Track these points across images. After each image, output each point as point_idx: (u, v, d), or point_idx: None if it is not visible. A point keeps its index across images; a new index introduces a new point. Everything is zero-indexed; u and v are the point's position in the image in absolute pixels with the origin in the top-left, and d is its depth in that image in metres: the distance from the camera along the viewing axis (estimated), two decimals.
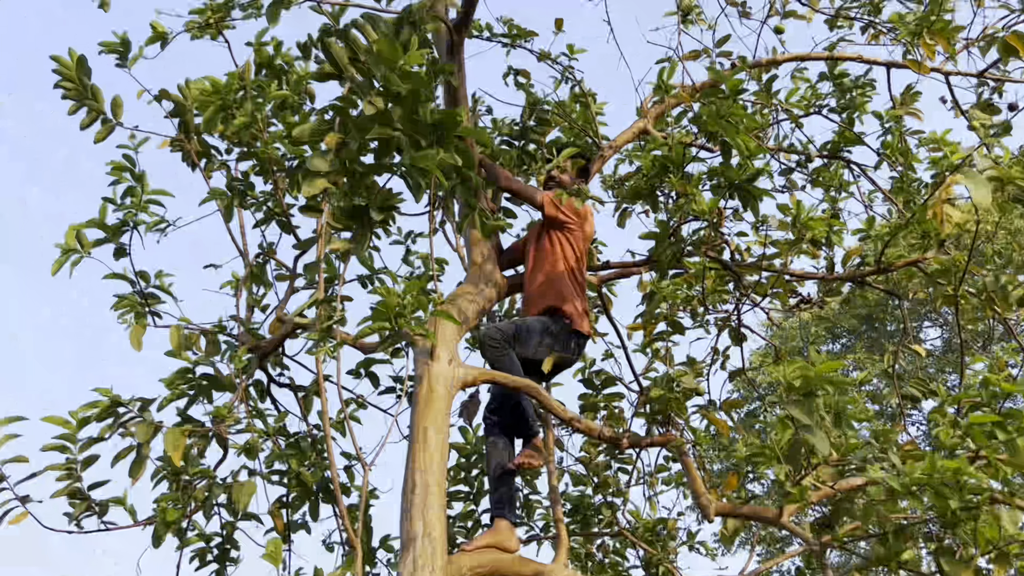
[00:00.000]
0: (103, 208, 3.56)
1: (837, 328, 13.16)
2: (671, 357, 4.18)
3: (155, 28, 3.77)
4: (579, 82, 4.99)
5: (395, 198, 3.45)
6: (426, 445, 3.19)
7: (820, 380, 2.61)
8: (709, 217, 3.39)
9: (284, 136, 3.97)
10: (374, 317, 3.30)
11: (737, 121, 3.26)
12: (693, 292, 3.91)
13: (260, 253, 4.09)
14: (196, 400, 3.70)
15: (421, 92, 3.21)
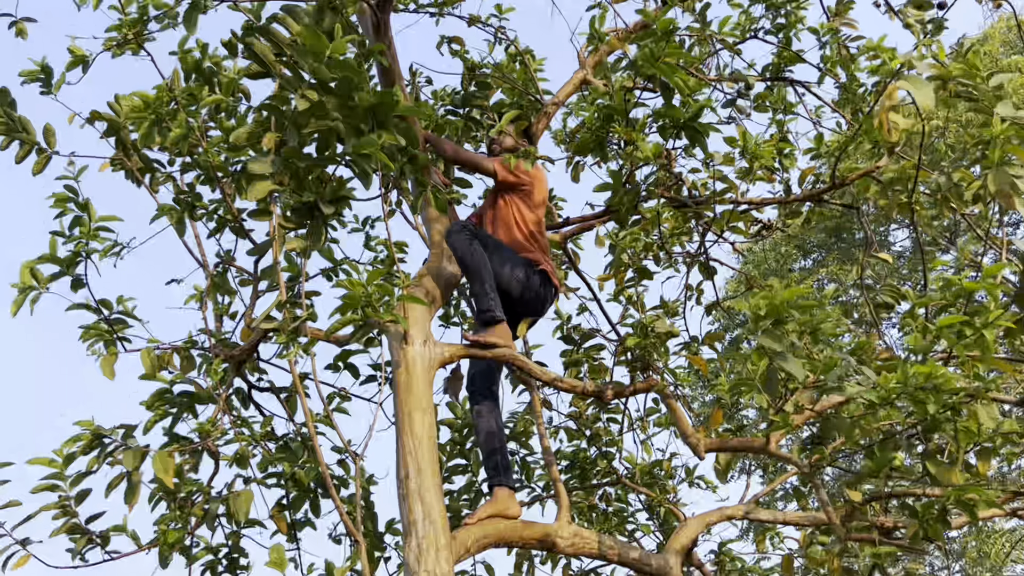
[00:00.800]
0: (52, 242, 3.50)
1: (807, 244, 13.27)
2: (643, 303, 4.21)
3: (74, 52, 3.68)
4: (513, 41, 4.94)
5: (344, 189, 3.42)
6: (412, 429, 3.21)
7: (786, 306, 2.64)
8: (658, 161, 3.39)
9: (223, 141, 3.91)
10: (342, 310, 3.29)
11: (673, 60, 3.24)
12: (652, 238, 3.92)
13: (219, 262, 4.05)
14: (180, 418, 3.69)
15: (353, 78, 3.17)
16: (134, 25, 3.42)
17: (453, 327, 5.09)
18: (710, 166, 3.73)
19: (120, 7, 3.53)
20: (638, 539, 4.83)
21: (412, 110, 3.58)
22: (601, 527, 4.73)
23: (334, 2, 3.44)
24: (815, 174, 4.52)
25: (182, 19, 3.21)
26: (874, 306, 4.32)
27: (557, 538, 3.41)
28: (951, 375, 2.74)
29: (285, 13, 3.35)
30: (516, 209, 3.85)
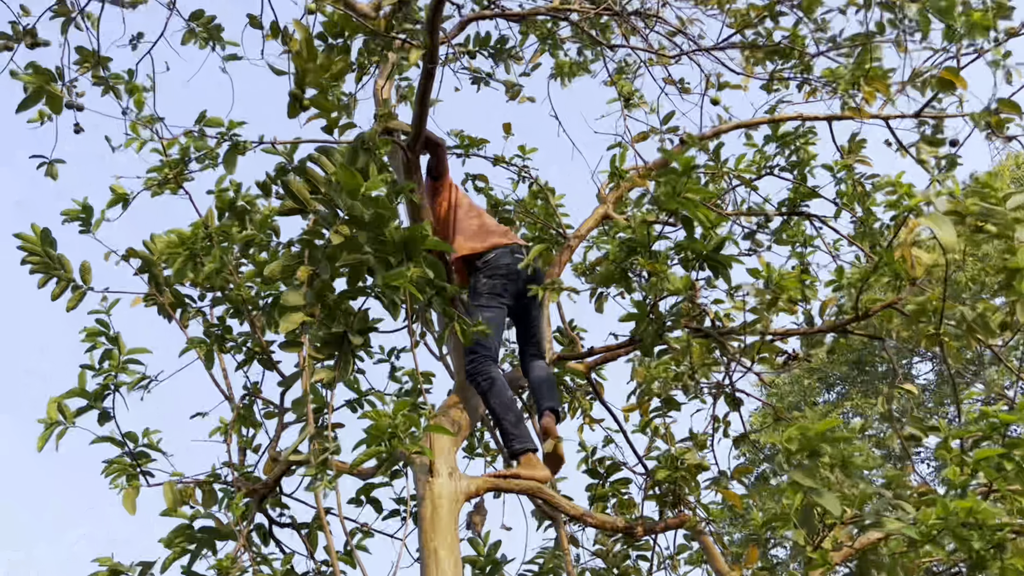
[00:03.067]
0: (82, 376, 3.54)
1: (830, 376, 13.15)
2: (671, 434, 4.16)
3: (115, 191, 3.84)
4: (535, 179, 5.11)
5: (372, 320, 3.47)
6: (438, 566, 3.13)
7: (818, 439, 2.61)
8: (683, 292, 3.43)
9: (255, 275, 4.01)
10: (368, 442, 3.27)
11: (694, 195, 3.34)
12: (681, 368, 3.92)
13: (246, 394, 4.06)
14: (199, 555, 3.62)
15: (384, 214, 3.28)
16: (175, 166, 3.58)
17: (477, 458, 5.02)
18: (735, 297, 3.77)
19: (162, 150, 3.71)
20: None
21: (440, 244, 3.68)
22: None
23: (367, 143, 3.59)
24: (837, 305, 4.55)
25: (222, 160, 3.36)
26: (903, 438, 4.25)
27: None
28: (993, 510, 2.66)
29: (320, 153, 3.50)
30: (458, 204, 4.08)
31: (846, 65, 4.83)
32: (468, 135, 5.12)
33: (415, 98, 4.05)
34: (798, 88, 5.35)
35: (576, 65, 5.46)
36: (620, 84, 5.22)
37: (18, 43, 3.84)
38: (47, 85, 3.42)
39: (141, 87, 3.82)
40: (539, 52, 5.43)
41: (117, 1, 4.32)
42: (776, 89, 5.28)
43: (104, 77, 4.15)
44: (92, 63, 4.03)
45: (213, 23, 4.74)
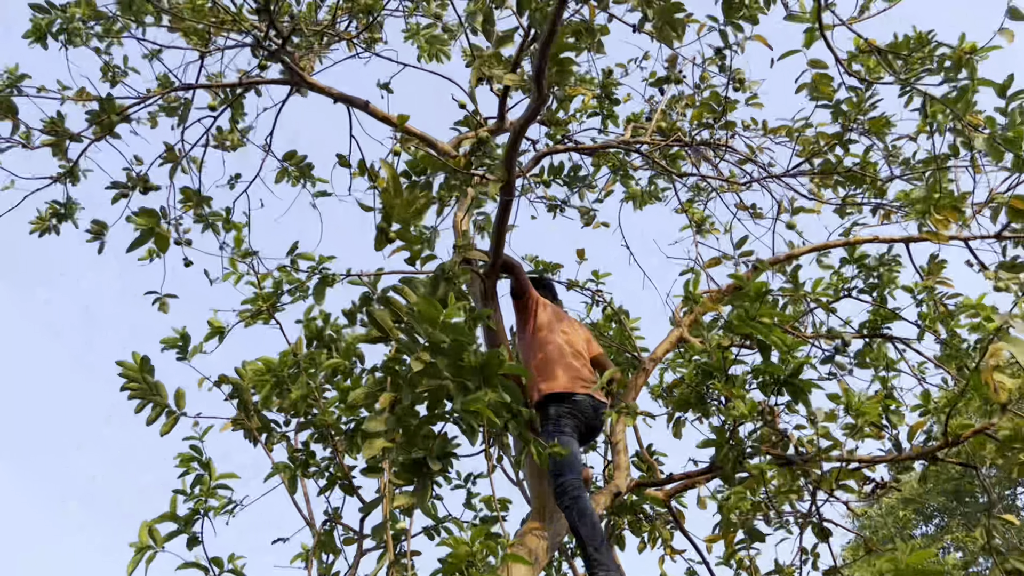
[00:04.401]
0: (173, 500, 3.66)
1: (926, 507, 12.46)
2: (756, 568, 4.01)
3: (212, 324, 4.07)
4: (608, 303, 5.19)
5: (451, 444, 3.52)
6: None
7: (911, 573, 2.50)
8: (759, 417, 3.40)
9: (339, 401, 4.13)
10: (445, 571, 3.26)
11: (768, 319, 3.36)
12: (759, 497, 3.83)
13: (327, 520, 4.11)
14: None
15: (463, 341, 3.38)
16: (269, 298, 3.79)
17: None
18: (815, 423, 3.70)
19: (256, 282, 3.94)
20: None
21: (516, 369, 3.75)
22: None
23: (447, 273, 3.75)
24: (925, 430, 4.41)
25: (312, 292, 3.55)
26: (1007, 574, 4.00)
27: None
28: None
29: (403, 284, 3.67)
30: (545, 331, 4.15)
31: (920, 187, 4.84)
32: (543, 260, 5.27)
33: (492, 228, 4.24)
34: (872, 212, 5.38)
35: (647, 193, 5.62)
36: (691, 211, 5.34)
37: (133, 190, 4.19)
38: (156, 227, 3.71)
39: (240, 224, 4.10)
40: (611, 181, 5.62)
41: (220, 145, 4.69)
42: (849, 213, 5.32)
43: (205, 215, 4.47)
44: (195, 202, 4.36)
45: (304, 162, 5.09)
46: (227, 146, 4.87)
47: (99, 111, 4.25)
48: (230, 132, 4.79)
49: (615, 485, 4.27)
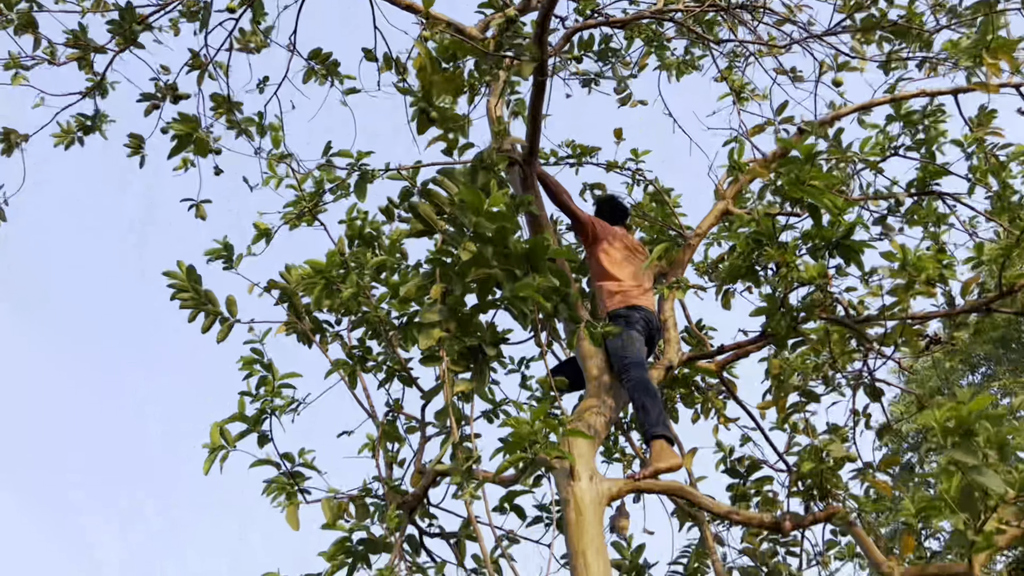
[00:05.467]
0: (241, 402, 3.78)
1: (973, 357, 12.45)
2: (812, 428, 4.07)
3: (258, 227, 4.09)
4: (651, 181, 5.12)
5: (503, 331, 3.58)
6: (588, 569, 3.17)
7: (974, 418, 2.52)
8: (815, 281, 3.38)
9: (389, 297, 4.19)
10: (509, 449, 3.35)
11: (819, 182, 3.29)
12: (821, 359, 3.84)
13: (388, 411, 4.23)
14: (356, 567, 3.79)
15: (508, 228, 3.38)
16: (311, 199, 3.79)
17: (615, 462, 5.05)
18: (869, 283, 3.68)
19: (297, 184, 3.94)
20: None
21: (562, 253, 3.76)
22: None
23: (486, 162, 3.71)
24: (979, 283, 4.35)
25: (353, 189, 3.54)
26: None
27: None
28: None
29: (443, 176, 3.64)
30: (610, 258, 4.26)
31: (967, 35, 4.63)
32: (580, 144, 5.19)
33: (527, 112, 4.16)
34: (918, 67, 5.17)
35: (684, 63, 5.45)
36: (731, 79, 5.18)
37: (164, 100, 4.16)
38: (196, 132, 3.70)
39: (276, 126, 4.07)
40: (646, 55, 5.45)
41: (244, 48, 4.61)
42: (894, 68, 5.12)
43: (237, 121, 4.44)
44: (225, 108, 4.32)
45: (330, 60, 4.99)
46: (251, 48, 4.78)
47: (120, 21, 4.19)
48: (252, 34, 4.70)
49: (667, 360, 4.32)
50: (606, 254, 4.37)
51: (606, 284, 4.30)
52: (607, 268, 4.32)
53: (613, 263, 4.33)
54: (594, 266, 4.43)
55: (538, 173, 4.42)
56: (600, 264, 4.36)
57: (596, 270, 4.41)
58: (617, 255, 4.36)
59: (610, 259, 4.34)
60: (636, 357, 3.92)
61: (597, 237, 4.42)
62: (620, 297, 4.22)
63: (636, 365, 3.88)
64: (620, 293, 4.24)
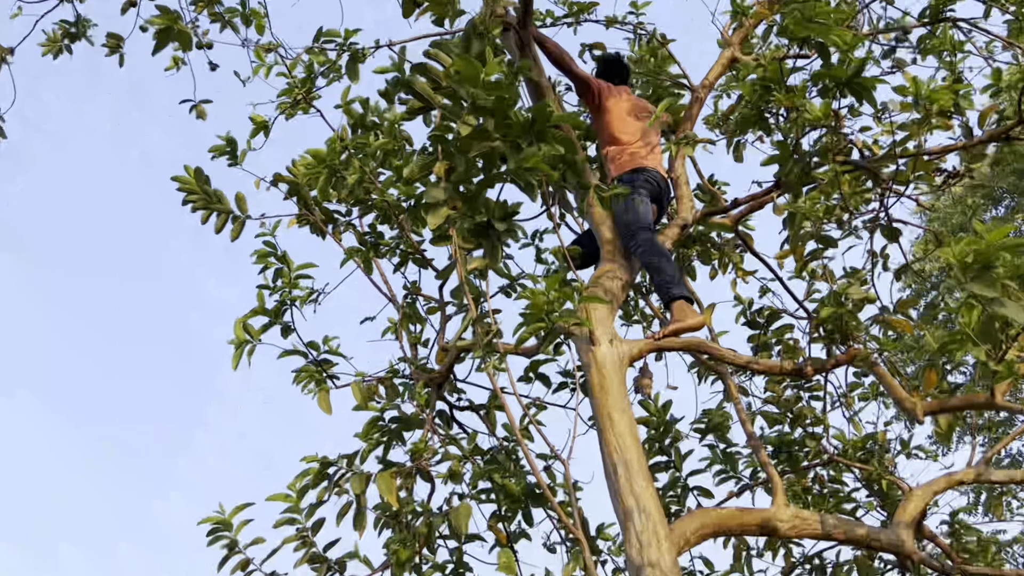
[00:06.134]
0: (260, 295, 3.82)
1: (996, 191, 12.24)
2: (830, 273, 4.06)
3: (255, 120, 4.02)
4: (652, 34, 4.93)
5: (513, 204, 3.54)
6: (614, 427, 3.24)
7: (994, 249, 2.48)
8: (826, 122, 3.28)
9: (395, 181, 4.14)
10: (527, 320, 3.38)
11: (825, 19, 3.15)
12: (833, 201, 3.78)
13: (407, 294, 4.26)
14: (391, 444, 3.91)
15: (507, 98, 3.28)
16: (304, 83, 3.69)
17: (635, 325, 5.10)
18: (882, 119, 3.57)
19: (287, 72, 3.83)
20: (859, 518, 4.62)
21: (566, 118, 3.66)
22: (819, 509, 4.56)
23: (479, 28, 3.57)
24: (997, 112, 4.22)
25: (345, 71, 3.43)
26: None
27: (777, 522, 3.33)
28: None
29: (436, 48, 3.52)
30: (617, 120, 4.16)
31: None
32: (576, 1, 4.97)
33: None
34: None
35: None
36: None
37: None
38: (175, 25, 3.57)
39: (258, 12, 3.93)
40: None
41: None
42: None
43: (220, 12, 4.28)
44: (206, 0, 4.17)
45: None
46: None
47: None
48: None
49: (680, 218, 4.27)
50: (612, 115, 4.25)
51: (612, 148, 4.21)
52: (613, 131, 4.22)
53: (619, 124, 4.22)
54: (600, 129, 4.33)
55: (535, 36, 4.26)
56: (606, 127, 4.26)
57: (602, 133, 4.30)
58: (623, 115, 4.24)
59: (616, 120, 4.23)
60: (643, 221, 3.87)
61: (602, 98, 4.30)
62: (626, 160, 4.13)
63: (643, 229, 3.84)
64: (626, 156, 4.14)
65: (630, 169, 4.11)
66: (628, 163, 4.12)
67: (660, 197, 4.12)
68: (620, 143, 4.18)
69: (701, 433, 4.69)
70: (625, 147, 4.16)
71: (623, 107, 4.25)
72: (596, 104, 4.30)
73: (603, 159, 4.31)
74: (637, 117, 4.26)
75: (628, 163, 4.12)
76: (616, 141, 4.19)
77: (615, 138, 4.20)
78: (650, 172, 4.12)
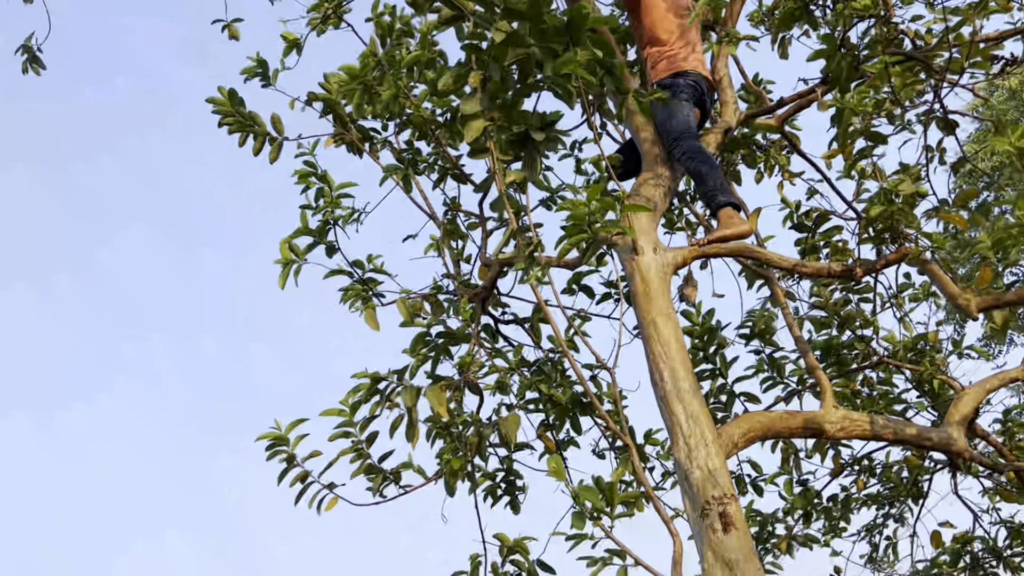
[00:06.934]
0: (303, 215, 3.83)
1: None
2: (880, 172, 3.93)
3: (286, 38, 3.96)
4: None
5: (551, 114, 3.47)
6: (659, 335, 3.23)
7: None
8: (875, 11, 3.12)
9: (429, 94, 4.08)
10: (569, 231, 3.35)
11: None
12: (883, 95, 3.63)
13: (447, 210, 4.25)
14: (439, 359, 3.96)
15: (541, 1, 3.19)
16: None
17: (678, 232, 5.04)
18: (934, 5, 3.39)
19: None
20: (910, 419, 4.60)
21: (601, 21, 3.55)
22: (868, 411, 4.55)
23: None
24: None
25: None
26: None
27: (825, 423, 3.33)
28: None
29: None
30: (656, 18, 4.01)
31: None
32: None
33: None
34: None
35: None
36: None
37: None
38: None
39: None
40: None
41: None
42: None
43: None
44: None
45: None
46: None
47: None
48: None
49: (724, 122, 4.16)
50: (650, 15, 4.08)
51: (651, 50, 4.07)
52: (652, 30, 4.06)
53: (659, 23, 4.05)
54: (638, 30, 4.18)
55: None
56: (645, 26, 4.10)
57: (640, 34, 4.16)
58: (663, 13, 4.07)
59: (655, 19, 4.06)
60: (685, 126, 3.75)
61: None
62: (666, 63, 3.99)
63: (686, 134, 3.73)
64: (666, 58, 4.00)
65: (671, 73, 3.98)
66: (669, 66, 3.99)
67: (703, 100, 3.98)
68: (660, 43, 4.03)
69: (746, 338, 4.67)
70: (665, 48, 4.02)
71: (661, 4, 4.08)
72: (633, 3, 4.15)
73: (642, 62, 4.18)
74: (677, 14, 4.09)
75: (669, 66, 3.99)
76: (656, 41, 4.04)
77: (655, 38, 4.04)
78: (691, 75, 3.98)
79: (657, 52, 4.05)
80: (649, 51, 4.10)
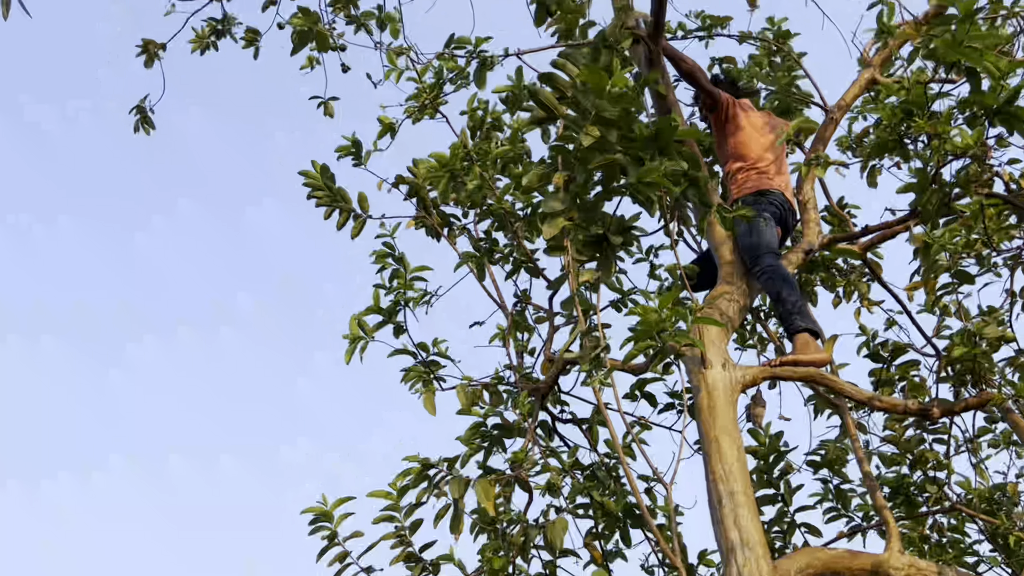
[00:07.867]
0: (376, 294, 3.90)
1: None
2: (964, 310, 3.81)
3: (383, 121, 4.11)
4: (788, 52, 4.78)
5: (631, 218, 3.48)
6: (721, 454, 3.14)
7: None
8: (974, 152, 3.08)
9: (513, 188, 4.15)
10: (637, 337, 3.31)
11: (978, 43, 2.96)
12: (975, 235, 3.55)
13: (517, 302, 4.27)
14: (492, 451, 3.91)
15: (632, 111, 3.24)
16: (431, 90, 3.75)
17: (750, 350, 4.94)
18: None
19: (417, 76, 3.90)
20: (982, 574, 4.32)
21: (690, 134, 3.58)
22: (937, 559, 4.29)
23: (608, 40, 3.54)
24: None
25: (473, 78, 3.47)
26: None
27: (890, 569, 3.15)
28: None
29: (564, 58, 3.51)
30: (746, 135, 4.02)
31: None
32: (709, 15, 4.87)
33: None
34: None
35: None
36: None
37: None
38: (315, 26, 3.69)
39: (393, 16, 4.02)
40: None
41: None
42: None
43: (356, 16, 4.41)
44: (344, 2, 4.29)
45: None
46: None
47: None
48: None
49: (806, 242, 4.11)
50: (742, 130, 4.10)
51: (737, 164, 4.08)
52: (741, 148, 4.08)
53: (748, 140, 4.07)
54: (725, 145, 4.20)
55: (668, 51, 4.18)
56: (732, 143, 4.13)
57: (726, 150, 4.18)
58: (753, 131, 4.09)
59: (746, 136, 4.08)
60: (768, 244, 3.73)
61: (731, 115, 4.17)
62: (752, 181, 3.98)
63: (768, 253, 3.70)
64: (753, 175, 4.00)
65: (755, 191, 3.97)
66: (754, 184, 3.98)
67: (785, 219, 3.95)
68: (747, 160, 4.04)
69: (815, 466, 4.49)
70: (752, 166, 4.02)
71: (755, 122, 4.10)
72: (724, 118, 4.18)
73: (726, 177, 4.19)
74: (767, 132, 4.10)
75: (754, 184, 3.98)
76: (743, 158, 4.05)
77: (742, 155, 4.05)
78: (775, 195, 3.97)
79: (743, 168, 4.05)
80: (733, 165, 4.11)
